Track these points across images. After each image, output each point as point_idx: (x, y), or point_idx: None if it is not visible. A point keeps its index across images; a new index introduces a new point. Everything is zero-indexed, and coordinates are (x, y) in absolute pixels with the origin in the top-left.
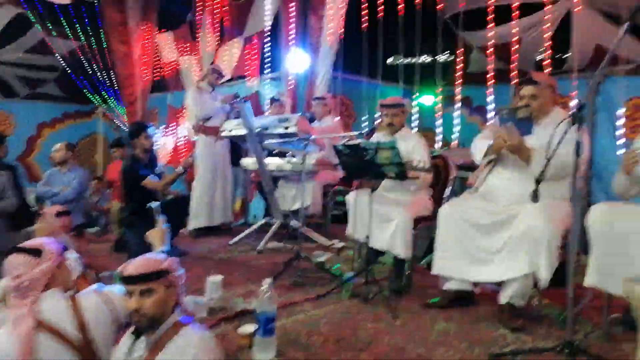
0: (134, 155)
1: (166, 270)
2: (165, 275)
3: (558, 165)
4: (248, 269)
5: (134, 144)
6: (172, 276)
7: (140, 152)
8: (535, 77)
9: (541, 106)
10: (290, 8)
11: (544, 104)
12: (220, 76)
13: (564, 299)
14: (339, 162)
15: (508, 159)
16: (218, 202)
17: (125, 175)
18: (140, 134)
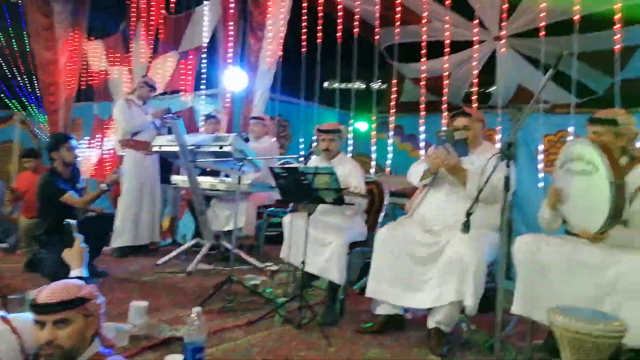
0: (53, 169)
1: (85, 297)
2: (84, 303)
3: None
4: (175, 292)
5: (53, 156)
6: (92, 304)
7: (60, 165)
8: (468, 110)
9: (472, 138)
10: (229, 26)
11: (475, 136)
12: (152, 89)
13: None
14: (275, 184)
15: (442, 184)
16: (144, 220)
17: (43, 190)
18: (61, 146)
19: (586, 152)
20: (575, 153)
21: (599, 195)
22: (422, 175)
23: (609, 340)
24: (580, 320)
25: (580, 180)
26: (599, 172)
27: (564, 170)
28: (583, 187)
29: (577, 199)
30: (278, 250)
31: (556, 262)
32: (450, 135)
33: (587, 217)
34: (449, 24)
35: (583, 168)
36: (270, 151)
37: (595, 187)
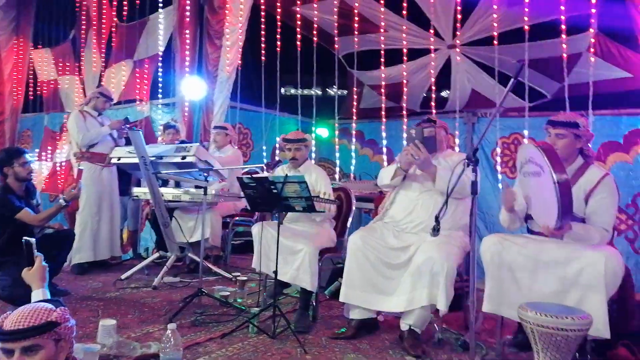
0: (6, 185)
1: (55, 322)
2: (54, 327)
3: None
4: (142, 308)
5: (6, 171)
6: (63, 328)
7: (13, 181)
8: (432, 117)
9: (438, 143)
10: (185, 34)
11: (439, 142)
12: (108, 100)
13: (458, 322)
14: (243, 194)
15: (412, 185)
16: (104, 234)
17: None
18: (15, 161)
19: (534, 155)
20: (527, 156)
21: (549, 193)
22: (392, 175)
23: (577, 332)
24: (550, 315)
25: (534, 181)
26: (545, 173)
27: (523, 174)
28: (538, 187)
29: (536, 198)
30: (245, 260)
31: (522, 260)
32: (420, 132)
33: (545, 214)
34: (406, 33)
35: (534, 170)
36: (235, 160)
37: (545, 186)
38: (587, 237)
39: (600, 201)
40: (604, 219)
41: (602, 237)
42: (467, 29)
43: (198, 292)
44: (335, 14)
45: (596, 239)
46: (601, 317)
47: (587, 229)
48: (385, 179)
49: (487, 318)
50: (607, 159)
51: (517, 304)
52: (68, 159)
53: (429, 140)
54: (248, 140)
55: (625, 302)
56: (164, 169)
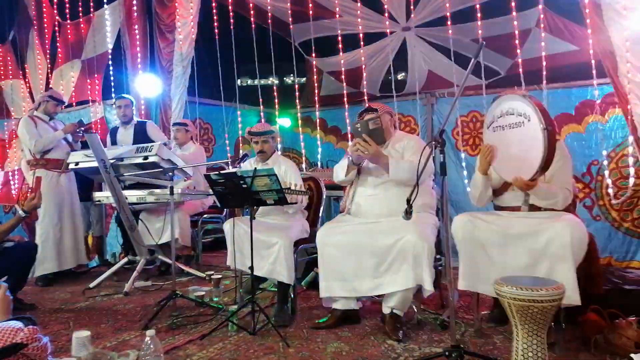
0: None
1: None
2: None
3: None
4: (116, 315)
5: None
6: (32, 349)
7: None
8: (374, 105)
9: (384, 129)
10: (134, 30)
11: (385, 128)
12: (59, 103)
13: (434, 301)
14: (212, 191)
15: (366, 179)
16: (67, 243)
17: None
18: None
19: (517, 106)
20: (506, 108)
21: (532, 142)
22: (347, 169)
23: (552, 303)
24: (525, 288)
25: (512, 132)
26: (530, 122)
27: (492, 129)
28: (516, 139)
29: (510, 150)
30: (217, 258)
31: (492, 236)
32: (365, 125)
33: (520, 165)
34: (360, 17)
35: (515, 120)
36: (198, 157)
37: (529, 136)
38: (552, 195)
39: (556, 165)
40: (563, 180)
41: (565, 195)
42: (420, 10)
43: (172, 295)
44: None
45: (559, 197)
46: (571, 284)
47: (550, 186)
48: (340, 175)
49: (462, 295)
50: (561, 130)
51: (491, 279)
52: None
53: (375, 131)
54: (209, 135)
55: (591, 268)
56: (126, 171)
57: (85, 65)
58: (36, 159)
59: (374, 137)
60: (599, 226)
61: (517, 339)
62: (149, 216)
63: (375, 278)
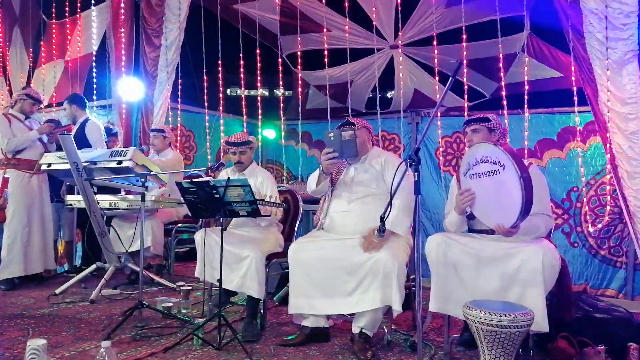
0: None
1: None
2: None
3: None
4: (78, 324)
5: None
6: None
7: None
8: (351, 119)
9: (361, 144)
10: (120, 33)
11: (362, 143)
12: (36, 103)
13: (406, 322)
14: (183, 199)
15: (342, 194)
16: (35, 246)
17: None
18: None
19: (491, 154)
20: (480, 157)
21: (509, 191)
22: (318, 179)
23: (520, 329)
24: (493, 313)
25: (489, 180)
26: (506, 170)
27: (469, 176)
28: (492, 187)
29: (488, 198)
30: (190, 268)
31: (465, 258)
32: (337, 135)
33: (500, 213)
34: (349, 33)
35: (490, 169)
36: (175, 164)
37: (504, 185)
38: (534, 227)
39: (534, 191)
40: (541, 206)
41: (546, 222)
42: (408, 29)
43: (138, 305)
44: (277, 12)
45: (542, 226)
46: (540, 311)
47: (531, 220)
48: (312, 185)
49: (434, 317)
50: (543, 156)
51: (462, 302)
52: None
53: (349, 143)
54: (191, 142)
55: (562, 295)
56: (99, 175)
57: (68, 65)
58: (7, 158)
59: (346, 149)
60: (577, 252)
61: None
62: (121, 223)
63: (344, 296)
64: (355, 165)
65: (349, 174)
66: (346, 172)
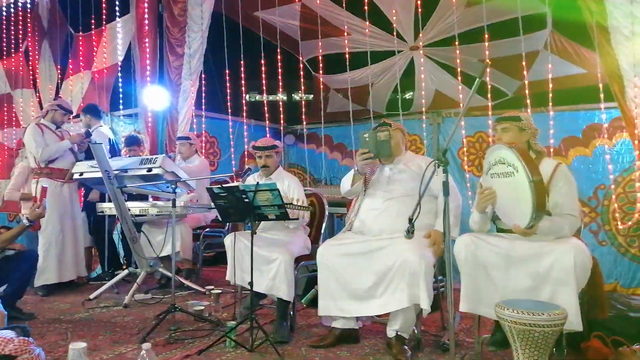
0: None
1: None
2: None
3: None
4: (114, 328)
5: None
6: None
7: None
8: (388, 120)
9: (395, 146)
10: (145, 43)
11: (396, 144)
12: (67, 113)
13: (434, 323)
14: (214, 204)
15: (376, 192)
16: (69, 253)
17: None
18: None
19: (506, 156)
20: (497, 158)
21: (523, 193)
22: (351, 181)
23: (554, 328)
24: (527, 312)
25: (505, 182)
26: (519, 173)
27: (490, 175)
28: (509, 188)
29: (506, 199)
30: (217, 272)
31: (495, 258)
32: (373, 135)
33: (516, 214)
34: (369, 35)
35: (505, 170)
36: (202, 170)
37: (519, 187)
38: (557, 228)
39: (560, 190)
40: (568, 207)
41: (571, 223)
42: (428, 30)
43: (171, 308)
44: (297, 18)
45: (566, 227)
46: (573, 309)
47: (554, 220)
48: (346, 186)
49: (464, 318)
50: (568, 154)
51: (493, 302)
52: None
53: (384, 143)
54: (215, 148)
55: (595, 294)
56: (129, 183)
57: (94, 76)
58: (40, 167)
59: (381, 149)
60: (605, 251)
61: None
62: (151, 228)
63: (373, 298)
64: (390, 166)
65: (383, 173)
66: (380, 171)
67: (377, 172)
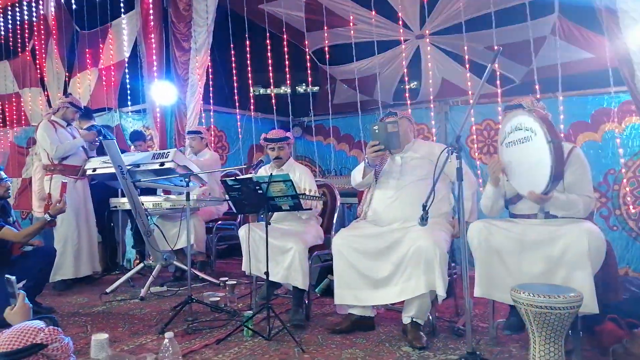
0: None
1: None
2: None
3: None
4: (132, 320)
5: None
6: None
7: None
8: (393, 110)
9: (402, 135)
10: (151, 39)
11: (404, 133)
12: (78, 110)
13: (450, 309)
14: (228, 196)
15: (387, 182)
16: (84, 248)
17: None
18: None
19: (524, 121)
20: (514, 124)
21: (541, 156)
22: (362, 173)
23: (570, 310)
24: (543, 295)
25: (522, 147)
26: (537, 135)
27: (505, 145)
28: (525, 154)
29: (522, 165)
30: (231, 264)
31: (508, 243)
32: (383, 127)
33: (532, 180)
34: (374, 25)
35: (523, 135)
36: (213, 164)
37: (537, 150)
38: (571, 204)
39: (575, 173)
40: (583, 188)
41: (586, 203)
42: (434, 18)
43: (188, 300)
44: (302, 9)
45: (580, 205)
46: (588, 293)
47: (570, 196)
48: (357, 178)
49: (476, 304)
50: (577, 139)
51: (507, 287)
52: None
53: (393, 135)
54: (223, 142)
55: (609, 277)
56: (142, 177)
57: (101, 73)
58: (53, 164)
59: (391, 140)
60: (616, 236)
61: (534, 346)
62: (164, 222)
63: (388, 286)
64: (400, 155)
65: (394, 162)
66: (391, 161)
67: (387, 162)
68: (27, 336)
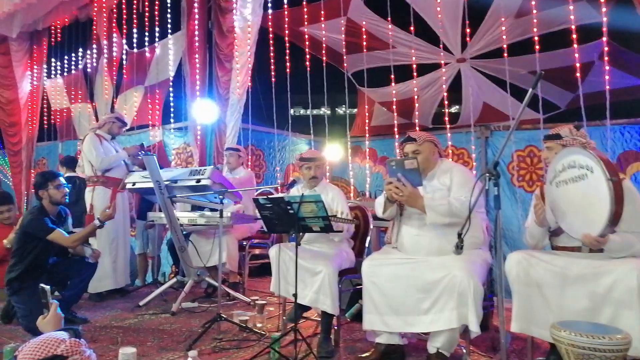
0: (41, 207)
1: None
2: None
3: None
4: (162, 335)
5: (41, 194)
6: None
7: (48, 204)
8: (413, 134)
9: (425, 161)
10: (195, 59)
11: (427, 158)
12: (123, 125)
13: (484, 343)
14: (260, 215)
15: (412, 216)
16: (121, 260)
17: (28, 227)
18: (49, 184)
19: (579, 159)
20: (567, 162)
21: (598, 195)
22: (384, 207)
23: (616, 353)
24: (586, 335)
25: (576, 187)
26: (594, 174)
27: (555, 184)
28: (580, 193)
29: (575, 206)
30: (262, 283)
31: (549, 277)
32: (400, 163)
33: (586, 223)
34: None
35: (577, 174)
36: (248, 182)
37: (593, 189)
38: (628, 246)
39: (626, 207)
40: (636, 223)
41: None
42: (475, 42)
43: (217, 318)
44: (342, 32)
45: (637, 246)
46: (637, 334)
47: (624, 236)
48: (379, 211)
49: (515, 339)
50: (626, 169)
51: (546, 322)
52: None
53: (412, 172)
54: (261, 161)
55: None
56: (179, 193)
57: (147, 91)
58: (97, 176)
59: (409, 178)
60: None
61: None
62: (199, 238)
63: (419, 315)
64: (424, 183)
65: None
66: None
67: None
68: (49, 347)
